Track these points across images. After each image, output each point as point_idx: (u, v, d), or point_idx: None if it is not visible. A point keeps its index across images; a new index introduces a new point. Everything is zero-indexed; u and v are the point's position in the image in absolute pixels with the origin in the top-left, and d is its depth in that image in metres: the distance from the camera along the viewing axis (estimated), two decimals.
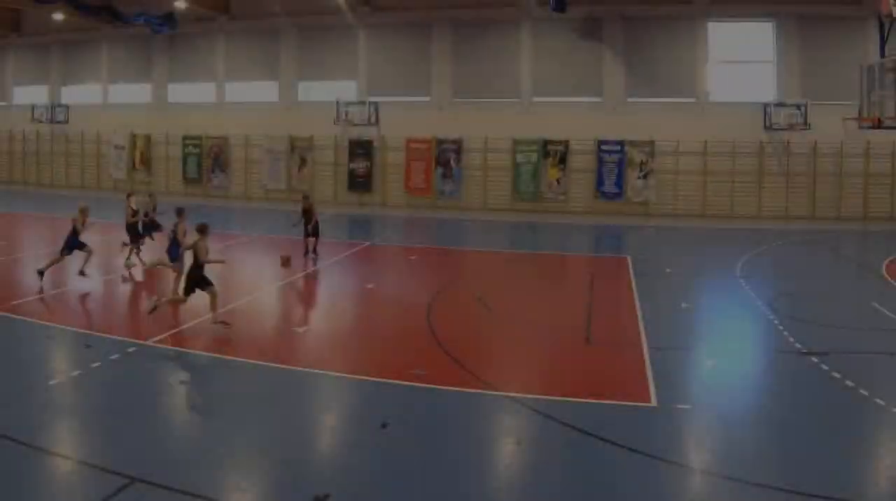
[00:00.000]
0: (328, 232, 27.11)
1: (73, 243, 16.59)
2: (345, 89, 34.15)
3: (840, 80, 29.68)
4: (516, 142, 32.54)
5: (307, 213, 19.82)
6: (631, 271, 19.16)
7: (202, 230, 13.33)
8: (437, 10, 33.14)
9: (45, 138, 40.37)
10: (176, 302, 13.90)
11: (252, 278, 18.12)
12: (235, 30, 35.43)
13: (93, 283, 16.66)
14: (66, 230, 16.44)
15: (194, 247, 12.99)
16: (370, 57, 34.22)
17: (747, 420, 9.71)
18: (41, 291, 15.17)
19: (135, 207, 18.59)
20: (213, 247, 20.99)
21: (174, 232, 15.49)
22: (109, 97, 39.06)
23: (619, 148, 31.79)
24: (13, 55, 42.46)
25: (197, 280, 12.98)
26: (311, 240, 19.90)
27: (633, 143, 31.66)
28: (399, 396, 10.17)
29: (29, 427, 8.45)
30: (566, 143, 32.12)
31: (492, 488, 7.79)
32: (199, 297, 15.25)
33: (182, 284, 13.73)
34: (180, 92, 36.87)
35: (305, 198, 20.73)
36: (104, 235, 20.52)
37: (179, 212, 15.73)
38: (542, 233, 28.25)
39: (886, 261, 21.10)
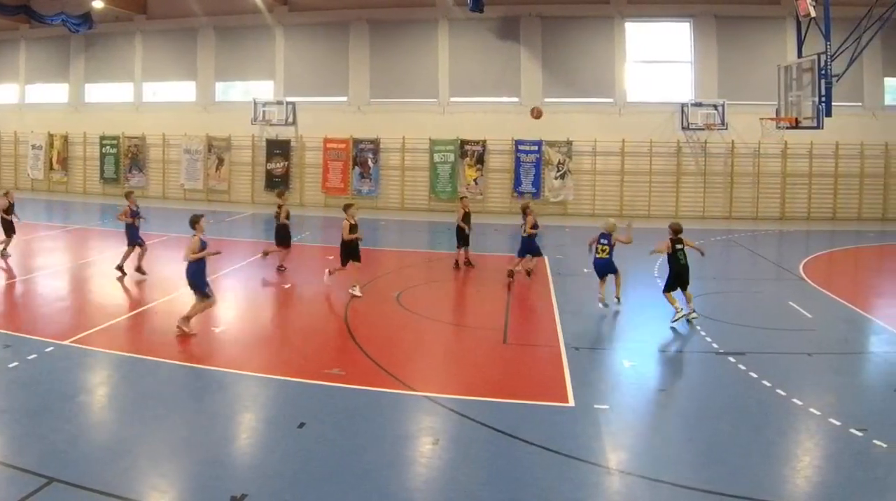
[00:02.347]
0: (244, 232, 25.26)
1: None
2: (262, 89, 31.44)
3: (757, 80, 27.46)
4: (433, 143, 29.83)
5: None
6: (548, 271, 17.96)
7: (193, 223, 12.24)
8: (354, 10, 30.42)
9: None
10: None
11: (170, 278, 16.62)
12: (153, 30, 32.53)
13: (9, 282, 15.89)
14: None
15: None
16: (288, 57, 31.33)
17: (664, 419, 9.26)
18: None
19: None
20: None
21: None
22: (27, 97, 35.53)
23: (536, 148, 29.24)
24: None
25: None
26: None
27: (550, 143, 29.12)
28: (316, 396, 9.61)
29: None
30: (483, 143, 29.50)
31: (409, 487, 7.32)
32: (114, 297, 14.61)
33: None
34: (98, 92, 33.83)
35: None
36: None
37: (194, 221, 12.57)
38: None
39: (803, 261, 19.76)
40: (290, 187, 31.03)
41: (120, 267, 16.07)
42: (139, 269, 16.00)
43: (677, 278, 13.14)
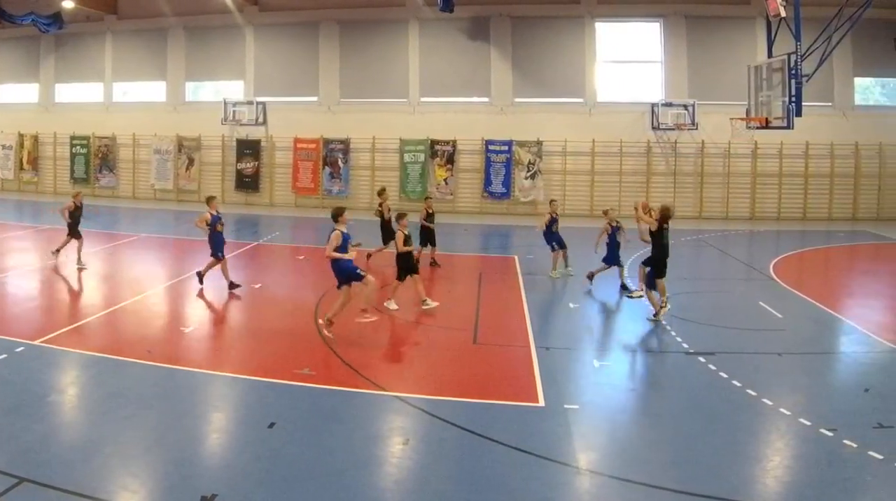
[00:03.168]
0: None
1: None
2: (232, 89, 30.41)
3: (727, 81, 26.62)
4: (404, 143, 28.80)
5: None
6: (518, 271, 17.59)
7: None
8: (324, 10, 29.40)
9: None
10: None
11: (140, 278, 16.45)
12: (123, 30, 31.38)
13: None
14: None
15: None
16: (258, 57, 30.27)
17: (634, 419, 8.94)
18: None
19: None
20: (100, 247, 19.54)
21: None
22: None
23: (506, 148, 28.27)
24: None
25: None
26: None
27: (520, 144, 28.16)
28: (287, 396, 9.34)
29: None
30: (453, 143, 28.53)
31: (379, 487, 7.07)
32: (84, 296, 14.37)
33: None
34: (68, 92, 32.76)
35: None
36: None
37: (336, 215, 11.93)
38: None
39: (774, 261, 19.21)
40: (259, 187, 30.09)
41: (200, 278, 14.77)
42: (232, 286, 14.65)
43: (660, 263, 12.72)
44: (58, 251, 17.17)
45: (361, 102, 29.54)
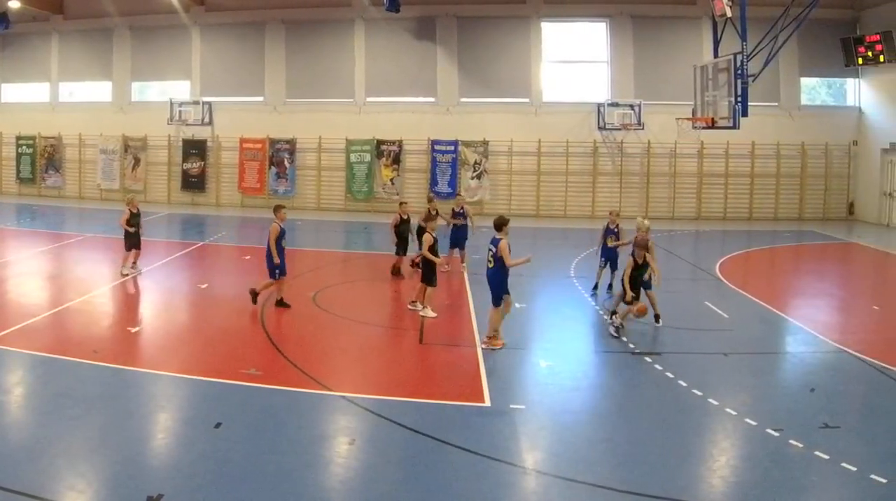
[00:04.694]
0: (160, 232, 23.11)
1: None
2: (179, 89, 28.83)
3: (674, 81, 25.35)
4: (350, 142, 27.19)
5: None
6: (465, 270, 16.97)
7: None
8: (270, 10, 27.92)
9: None
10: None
11: (86, 278, 15.88)
12: (69, 30, 29.72)
13: None
14: None
15: None
16: (204, 57, 28.63)
17: (581, 420, 8.57)
18: None
19: None
20: (47, 247, 18.88)
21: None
22: None
23: (452, 148, 26.69)
24: None
25: None
26: None
27: (466, 143, 26.59)
28: (233, 396, 9.01)
29: None
30: (399, 143, 26.97)
31: (326, 487, 6.88)
32: (30, 297, 13.81)
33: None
34: (14, 92, 31.15)
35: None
36: None
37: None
38: (376, 232, 23.98)
39: (720, 261, 18.62)
40: (205, 187, 28.38)
41: (254, 297, 13.43)
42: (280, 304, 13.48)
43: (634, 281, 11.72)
44: (134, 266, 15.91)
45: (307, 102, 27.77)
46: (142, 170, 28.97)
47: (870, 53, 24.95)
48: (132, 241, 15.63)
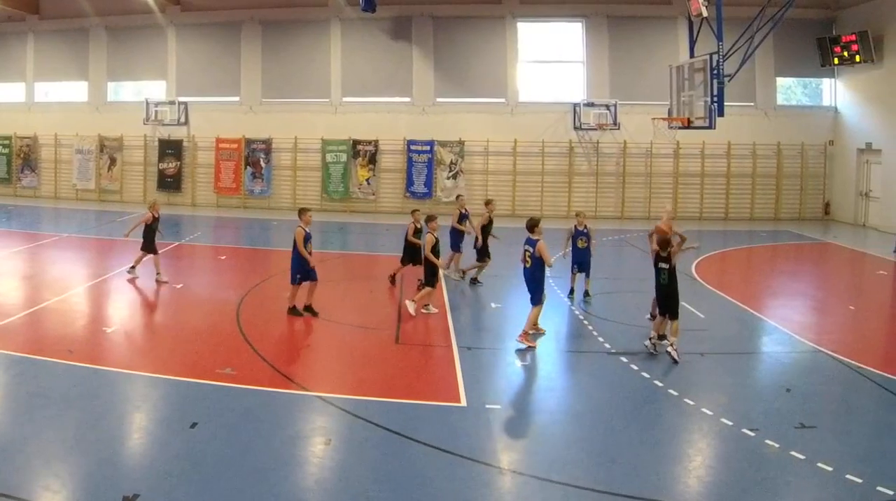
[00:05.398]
0: (137, 232, 24.46)
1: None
2: (155, 89, 28.23)
3: (649, 81, 24.76)
4: (326, 143, 26.52)
5: None
6: (440, 271, 17.51)
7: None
8: (246, 10, 27.29)
9: None
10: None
11: (62, 278, 15.65)
12: (45, 30, 29.05)
13: None
14: None
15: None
16: (180, 57, 27.98)
17: (556, 419, 8.45)
18: None
19: None
20: (23, 247, 18.59)
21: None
22: None
23: (428, 148, 26.08)
24: None
25: None
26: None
27: (442, 143, 25.97)
28: (209, 395, 8.89)
29: None
30: (375, 143, 26.31)
31: (302, 487, 6.77)
32: (5, 296, 13.51)
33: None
34: None
35: None
36: None
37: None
38: (352, 232, 23.98)
39: (696, 261, 18.10)
40: (181, 187, 27.65)
41: (311, 311, 12.67)
42: (297, 312, 12.75)
43: (663, 301, 10.55)
44: (133, 268, 15.39)
45: (283, 102, 27.04)
46: (117, 171, 28.29)
47: (846, 53, 24.51)
48: (150, 244, 15.08)
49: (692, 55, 19.33)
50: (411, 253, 14.31)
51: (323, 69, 27.46)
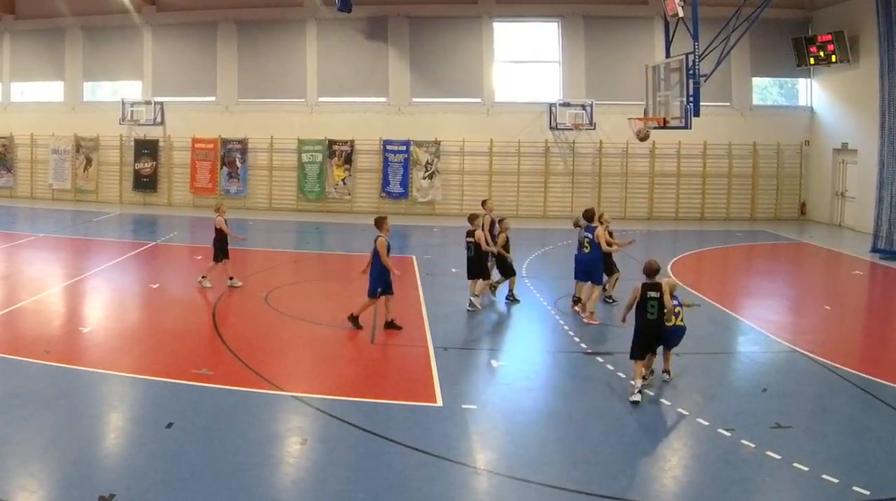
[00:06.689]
0: (112, 232, 22.31)
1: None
2: (131, 89, 27.43)
3: (625, 81, 23.88)
4: (301, 142, 25.64)
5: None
6: (416, 271, 16.44)
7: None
8: (222, 10, 26.46)
9: None
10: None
11: (38, 278, 15.40)
12: (21, 30, 28.22)
13: None
14: None
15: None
16: (156, 57, 27.10)
17: (533, 420, 8.29)
18: None
19: None
20: None
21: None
22: None
23: (404, 148, 25.21)
24: None
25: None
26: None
27: (418, 143, 25.11)
28: (184, 396, 8.75)
29: None
30: (351, 143, 25.43)
31: (278, 487, 6.65)
32: None
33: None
34: None
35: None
36: None
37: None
38: (328, 232, 23.63)
39: (671, 261, 17.84)
40: (157, 187, 26.75)
41: (356, 322, 11.77)
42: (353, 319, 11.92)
43: (640, 337, 8.94)
44: (231, 278, 14.55)
45: (259, 102, 26.03)
46: (94, 171, 27.31)
47: (821, 53, 23.80)
48: (224, 250, 14.17)
49: (668, 55, 18.64)
50: (501, 264, 13.57)
51: (299, 69, 26.59)
